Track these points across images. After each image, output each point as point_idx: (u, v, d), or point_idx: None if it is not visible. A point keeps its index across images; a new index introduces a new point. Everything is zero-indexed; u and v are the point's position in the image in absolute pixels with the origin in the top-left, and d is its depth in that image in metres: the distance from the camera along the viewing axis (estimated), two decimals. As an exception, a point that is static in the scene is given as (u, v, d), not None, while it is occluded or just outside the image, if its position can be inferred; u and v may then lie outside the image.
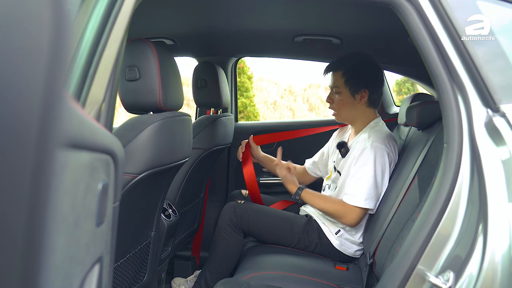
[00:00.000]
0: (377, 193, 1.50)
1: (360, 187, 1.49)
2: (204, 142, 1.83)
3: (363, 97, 1.60)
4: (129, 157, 1.05)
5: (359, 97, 1.60)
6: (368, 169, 1.49)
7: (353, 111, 1.63)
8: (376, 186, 1.49)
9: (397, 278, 0.87)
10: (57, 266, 0.42)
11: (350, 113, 1.64)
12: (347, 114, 1.65)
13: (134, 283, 1.28)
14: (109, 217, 0.63)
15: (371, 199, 1.49)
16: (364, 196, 1.48)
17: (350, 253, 1.61)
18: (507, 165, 0.82)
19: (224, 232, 1.66)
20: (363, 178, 1.49)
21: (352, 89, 1.59)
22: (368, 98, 1.60)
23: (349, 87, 1.60)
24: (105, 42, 0.76)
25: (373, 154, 1.49)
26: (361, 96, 1.60)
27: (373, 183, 1.48)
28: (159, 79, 1.10)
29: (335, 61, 1.66)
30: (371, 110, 1.64)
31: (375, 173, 1.48)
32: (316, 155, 1.95)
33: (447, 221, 0.85)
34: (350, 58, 1.64)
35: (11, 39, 0.26)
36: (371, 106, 1.63)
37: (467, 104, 0.86)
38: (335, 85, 1.63)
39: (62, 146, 0.32)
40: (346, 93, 1.61)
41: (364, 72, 1.60)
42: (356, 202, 1.49)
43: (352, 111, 1.63)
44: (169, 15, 1.64)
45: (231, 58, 2.41)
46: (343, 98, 1.62)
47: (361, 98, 1.60)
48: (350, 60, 1.63)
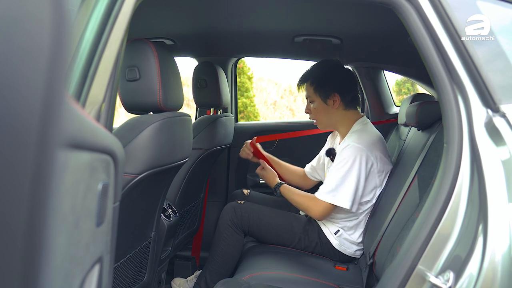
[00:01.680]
0: (347, 191, 1.50)
1: (328, 182, 1.53)
2: (204, 142, 1.83)
3: (335, 101, 1.63)
4: (129, 157, 1.05)
5: (331, 102, 1.63)
6: (340, 167, 1.51)
7: (331, 116, 1.66)
8: (354, 185, 1.49)
9: (397, 278, 0.87)
10: (57, 266, 0.42)
11: (329, 119, 1.67)
12: (326, 120, 1.69)
13: (134, 283, 1.28)
14: (109, 217, 0.63)
15: (339, 195, 1.50)
16: (328, 190, 1.51)
17: (349, 253, 1.61)
18: (507, 165, 0.82)
19: (224, 233, 1.67)
20: (332, 174, 1.52)
21: (322, 95, 1.63)
22: (341, 101, 1.63)
23: (319, 94, 1.64)
24: (105, 42, 0.76)
25: (350, 154, 1.50)
26: (333, 101, 1.63)
27: (351, 183, 1.49)
28: (159, 79, 1.10)
29: (305, 72, 1.71)
30: (350, 112, 1.66)
31: (354, 173, 1.49)
32: (314, 160, 1.97)
33: (447, 221, 0.85)
34: (316, 67, 1.69)
35: (11, 39, 0.26)
36: (348, 108, 1.65)
37: (467, 104, 0.86)
38: (308, 94, 1.69)
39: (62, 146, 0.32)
40: (318, 101, 1.65)
41: (331, 77, 1.64)
42: (321, 196, 1.53)
43: (331, 117, 1.67)
44: (169, 15, 1.64)
45: (231, 58, 2.41)
46: (317, 106, 1.66)
47: (334, 103, 1.63)
48: (316, 69, 1.68)
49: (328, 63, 1.69)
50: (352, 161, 1.50)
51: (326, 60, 1.71)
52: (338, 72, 1.67)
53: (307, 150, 2.46)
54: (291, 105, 9.76)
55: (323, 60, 1.72)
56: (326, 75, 1.65)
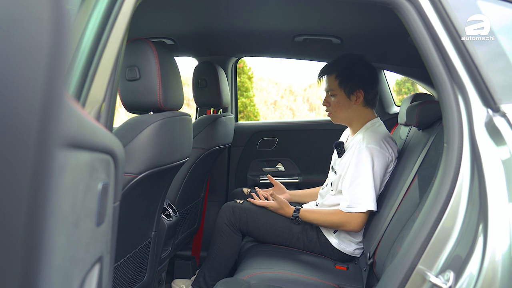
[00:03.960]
0: (375, 195, 1.50)
1: (360, 194, 1.49)
2: (204, 142, 1.83)
3: (358, 97, 1.61)
4: (129, 157, 1.05)
5: (354, 98, 1.61)
6: (364, 173, 1.49)
7: (350, 112, 1.64)
8: (374, 188, 1.49)
9: (397, 278, 0.87)
10: (57, 266, 0.41)
11: (347, 114, 1.65)
12: (344, 115, 1.65)
13: (134, 283, 1.28)
14: (109, 217, 0.63)
15: (371, 201, 1.49)
16: (363, 201, 1.48)
17: (349, 252, 1.61)
18: (507, 165, 0.81)
19: (221, 232, 1.67)
20: (361, 184, 1.49)
21: (347, 90, 1.61)
22: (364, 98, 1.61)
23: (343, 89, 1.61)
24: (105, 42, 0.76)
25: (368, 157, 1.49)
26: (356, 97, 1.61)
27: (371, 186, 1.48)
28: (159, 79, 1.10)
29: (328, 65, 1.67)
30: (368, 110, 1.65)
31: (373, 176, 1.49)
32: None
33: (447, 221, 0.85)
34: (342, 60, 1.65)
35: (11, 39, 0.26)
36: (367, 106, 1.64)
37: (467, 104, 0.86)
38: (330, 88, 1.64)
39: (62, 146, 0.32)
40: (341, 95, 1.62)
41: (357, 72, 1.62)
42: (357, 210, 1.49)
43: (349, 112, 1.64)
44: (169, 15, 1.64)
45: (231, 58, 2.41)
46: (338, 100, 1.63)
47: (357, 99, 1.61)
48: (342, 62, 1.64)
49: (354, 58, 1.65)
50: (367, 161, 1.49)
51: (352, 55, 1.68)
52: (365, 68, 1.64)
53: (307, 150, 2.46)
54: (291, 105, 9.75)
55: (348, 54, 1.68)
56: (353, 70, 1.61)
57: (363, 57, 1.66)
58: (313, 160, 2.44)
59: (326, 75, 1.66)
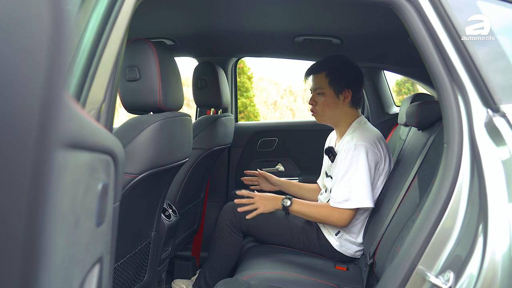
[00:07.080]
0: (369, 190, 1.49)
1: (342, 188, 1.49)
2: (204, 142, 1.83)
3: (346, 97, 1.61)
4: (129, 157, 1.05)
5: (342, 97, 1.61)
6: (356, 170, 1.48)
7: (337, 112, 1.64)
8: (367, 184, 1.48)
9: (397, 278, 0.87)
10: (57, 266, 0.41)
11: (334, 113, 1.65)
12: (331, 114, 1.65)
13: (134, 283, 1.28)
14: (109, 217, 0.63)
15: (362, 198, 1.48)
16: (354, 198, 1.48)
17: (350, 254, 1.61)
18: (507, 165, 0.81)
19: (223, 232, 1.68)
20: (353, 181, 1.48)
21: (336, 89, 1.61)
22: (351, 98, 1.62)
23: (333, 88, 1.61)
24: (105, 42, 0.76)
25: (358, 154, 1.49)
26: (344, 96, 1.61)
27: (363, 183, 1.47)
28: (159, 79, 1.10)
29: (316, 63, 1.67)
30: (353, 110, 1.65)
31: (364, 172, 1.48)
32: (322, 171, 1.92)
33: (447, 221, 0.85)
34: (331, 59, 1.66)
35: (11, 39, 0.26)
36: (353, 106, 1.65)
37: (467, 104, 0.86)
38: (319, 86, 1.63)
39: (61, 146, 0.32)
40: (330, 94, 1.62)
41: (347, 72, 1.62)
42: (340, 205, 1.49)
43: (336, 112, 1.64)
44: (169, 15, 1.64)
45: (231, 58, 2.41)
46: (327, 99, 1.63)
47: (345, 98, 1.61)
48: (332, 61, 1.65)
49: (342, 58, 1.66)
50: (358, 158, 1.48)
51: (339, 55, 1.68)
52: (354, 69, 1.65)
53: (307, 150, 2.46)
54: (291, 105, 9.76)
55: (336, 55, 1.69)
56: (343, 70, 1.62)
57: (349, 59, 1.67)
58: (313, 160, 2.44)
59: (314, 74, 1.66)
